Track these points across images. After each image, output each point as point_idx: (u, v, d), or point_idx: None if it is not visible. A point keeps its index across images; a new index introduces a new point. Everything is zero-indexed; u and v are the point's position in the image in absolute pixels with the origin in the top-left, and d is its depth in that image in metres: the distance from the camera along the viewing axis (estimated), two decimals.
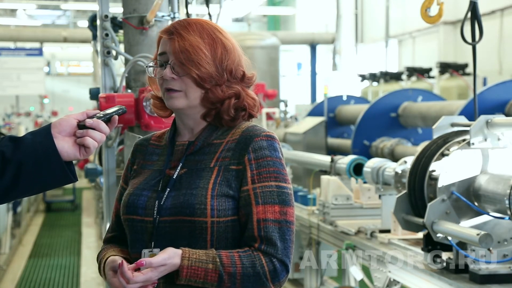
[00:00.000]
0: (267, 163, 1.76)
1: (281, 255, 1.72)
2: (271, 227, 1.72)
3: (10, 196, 1.61)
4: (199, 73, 1.77)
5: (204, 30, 1.81)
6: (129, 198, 1.84)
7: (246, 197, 1.75)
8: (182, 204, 1.74)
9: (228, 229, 1.75)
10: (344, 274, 5.23)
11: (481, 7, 3.47)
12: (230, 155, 1.78)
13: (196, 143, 1.83)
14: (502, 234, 3.07)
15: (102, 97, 3.28)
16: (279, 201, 1.75)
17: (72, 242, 10.02)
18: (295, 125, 8.95)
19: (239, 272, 1.69)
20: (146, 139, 1.98)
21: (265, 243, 1.72)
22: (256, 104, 1.87)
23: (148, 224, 1.78)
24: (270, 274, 1.71)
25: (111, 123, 1.68)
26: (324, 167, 4.99)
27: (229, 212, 1.75)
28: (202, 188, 1.74)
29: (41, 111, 20.22)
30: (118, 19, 3.55)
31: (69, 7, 22.52)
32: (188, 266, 1.67)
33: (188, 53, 1.76)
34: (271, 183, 1.75)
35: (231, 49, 1.82)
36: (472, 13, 3.39)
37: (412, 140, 7.89)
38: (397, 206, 3.38)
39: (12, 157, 1.56)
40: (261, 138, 1.79)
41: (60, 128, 1.60)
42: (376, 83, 12.71)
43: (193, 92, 1.79)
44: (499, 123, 3.05)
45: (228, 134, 1.83)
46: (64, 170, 1.59)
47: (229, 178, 1.76)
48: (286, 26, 25.38)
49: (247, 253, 1.71)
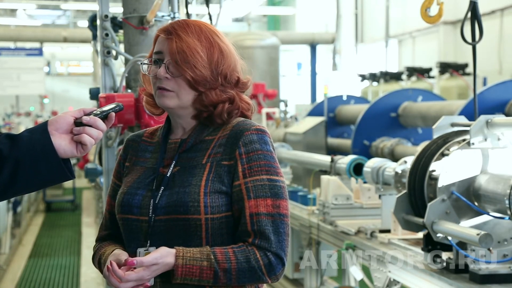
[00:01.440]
0: (257, 157, 1.76)
1: (275, 248, 1.72)
2: (264, 221, 1.72)
3: (8, 194, 1.61)
4: (193, 75, 1.76)
5: (203, 32, 1.80)
6: (123, 197, 1.83)
7: (238, 192, 1.75)
8: (175, 203, 1.74)
9: (222, 225, 1.75)
10: (344, 274, 5.22)
11: (481, 7, 3.47)
12: (222, 150, 1.79)
13: (188, 141, 1.83)
14: (502, 234, 3.07)
15: (102, 97, 3.28)
16: (271, 194, 1.74)
17: (72, 242, 10.02)
18: (295, 125, 8.95)
19: (234, 267, 1.69)
20: (138, 135, 1.97)
21: (259, 237, 1.72)
22: (250, 108, 1.87)
23: (144, 223, 1.78)
24: (265, 268, 1.71)
25: (108, 120, 1.68)
26: (324, 167, 4.99)
27: (223, 208, 1.75)
28: (194, 185, 1.75)
29: (41, 111, 20.21)
30: (118, 19, 3.55)
31: (69, 7, 22.51)
32: (183, 264, 1.68)
33: (185, 54, 1.76)
34: (262, 176, 1.75)
35: (227, 54, 1.82)
36: (472, 13, 3.39)
37: (412, 140, 7.89)
38: (397, 206, 3.38)
39: (9, 155, 1.56)
40: (251, 132, 1.79)
41: (57, 126, 1.61)
42: (376, 83, 12.71)
43: (185, 93, 1.79)
44: (499, 123, 3.05)
45: (220, 130, 1.83)
46: (61, 167, 1.60)
47: (221, 173, 1.76)
48: (286, 26, 25.38)
49: (241, 248, 1.72)
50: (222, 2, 3.81)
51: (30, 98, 20.06)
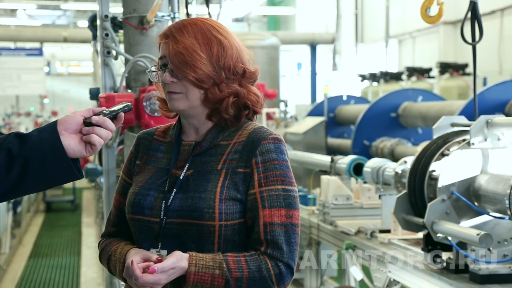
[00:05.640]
0: (274, 167, 1.77)
1: (287, 258, 1.74)
2: (277, 231, 1.74)
3: (18, 192, 1.62)
4: (195, 75, 1.76)
5: (199, 30, 1.79)
6: (135, 197, 1.83)
7: (253, 200, 1.76)
8: (190, 207, 1.74)
9: (235, 232, 1.76)
10: (344, 274, 5.23)
11: (481, 7, 3.47)
12: (238, 157, 1.79)
13: (202, 144, 1.83)
14: (502, 234, 3.07)
15: (102, 97, 3.28)
16: (285, 205, 1.76)
17: (72, 242, 10.02)
18: (295, 125, 8.95)
19: (246, 276, 1.70)
20: (150, 133, 1.97)
21: (271, 247, 1.73)
22: (260, 100, 1.86)
23: (155, 225, 1.78)
24: (275, 278, 1.73)
25: (117, 120, 1.68)
26: (324, 167, 4.99)
27: (237, 216, 1.76)
28: (210, 191, 1.75)
29: (41, 111, 20.19)
30: (118, 19, 3.55)
31: (69, 7, 22.51)
32: (195, 272, 1.68)
33: (183, 56, 1.76)
34: (277, 186, 1.76)
35: (227, 46, 1.81)
36: (472, 13, 3.39)
37: (412, 140, 7.89)
38: (397, 206, 3.38)
39: (19, 154, 1.57)
40: (269, 141, 1.79)
41: (66, 125, 1.61)
42: (376, 83, 12.71)
43: (193, 93, 1.79)
44: (499, 123, 3.05)
45: (235, 136, 1.82)
46: (70, 167, 1.60)
47: (236, 181, 1.77)
48: (286, 26, 25.37)
49: (254, 257, 1.73)
50: (222, 2, 3.81)
51: (30, 98, 20.03)
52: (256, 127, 1.84)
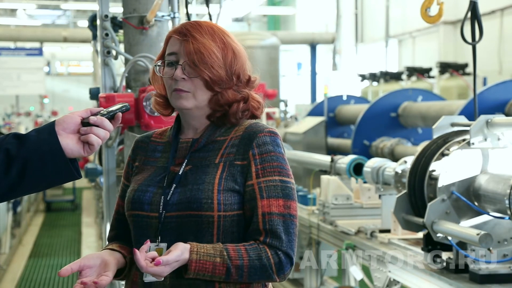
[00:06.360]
0: (270, 158, 1.80)
1: (286, 247, 1.75)
2: (276, 220, 1.76)
3: (16, 193, 1.63)
4: (211, 75, 1.79)
5: (215, 33, 1.83)
6: (134, 194, 1.85)
7: (251, 191, 1.78)
8: (189, 199, 1.76)
9: (233, 223, 1.78)
10: (344, 274, 5.23)
11: (481, 7, 3.47)
12: (235, 151, 1.82)
13: (200, 141, 1.85)
14: (502, 234, 3.07)
15: (102, 97, 3.28)
16: (283, 195, 1.78)
17: (72, 242, 10.03)
18: (295, 125, 8.96)
19: (246, 264, 1.72)
20: (147, 136, 1.99)
21: (270, 236, 1.75)
22: (260, 107, 1.91)
23: (154, 220, 1.80)
24: (275, 266, 1.74)
25: (114, 121, 1.69)
26: (324, 167, 4.99)
27: (235, 207, 1.78)
28: (208, 183, 1.77)
29: (41, 111, 20.19)
30: (118, 19, 3.55)
31: (69, 7, 22.51)
32: (197, 260, 1.70)
33: (202, 55, 1.79)
34: (275, 177, 1.79)
35: (239, 54, 1.86)
36: (472, 13, 3.39)
37: (412, 140, 7.89)
38: (397, 206, 3.38)
39: (17, 154, 1.57)
40: (265, 134, 1.82)
41: (64, 125, 1.62)
42: (376, 83, 12.71)
43: (201, 94, 1.82)
44: (499, 123, 3.05)
45: (232, 131, 1.86)
46: (68, 167, 1.61)
47: (234, 173, 1.79)
48: (286, 26, 25.37)
49: (253, 246, 1.75)
50: (222, 2, 3.81)
51: (30, 98, 20.04)
52: (252, 122, 1.88)
